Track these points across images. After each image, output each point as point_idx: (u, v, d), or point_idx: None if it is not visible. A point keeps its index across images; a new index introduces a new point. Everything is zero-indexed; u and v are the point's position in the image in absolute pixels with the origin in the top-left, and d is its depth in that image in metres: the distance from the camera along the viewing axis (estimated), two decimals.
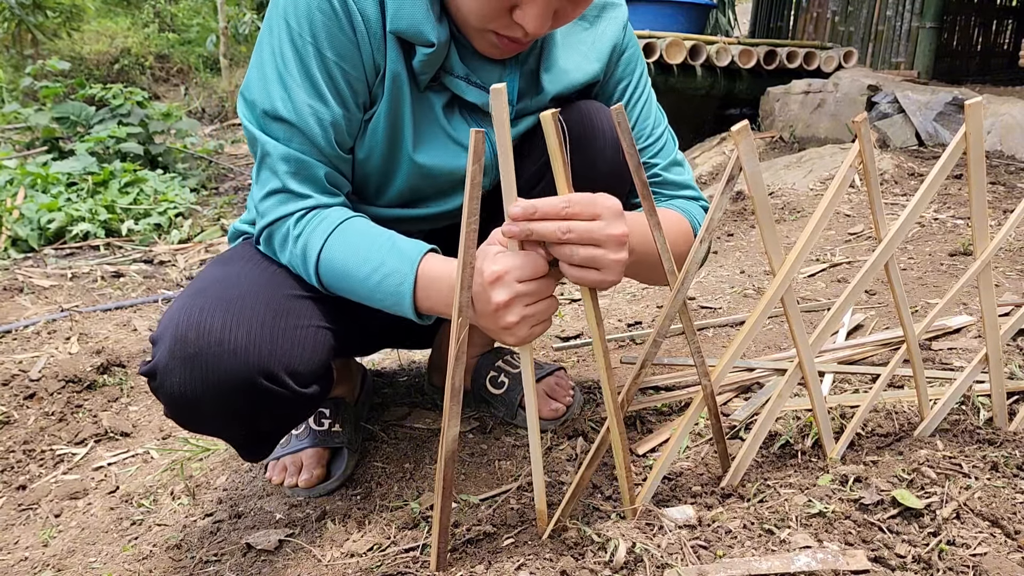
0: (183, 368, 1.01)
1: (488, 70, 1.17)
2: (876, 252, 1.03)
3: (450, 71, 1.14)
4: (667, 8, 5.07)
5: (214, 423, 1.09)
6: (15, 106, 5.80)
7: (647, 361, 1.00)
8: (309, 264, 1.08)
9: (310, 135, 1.08)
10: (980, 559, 0.90)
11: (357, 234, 1.07)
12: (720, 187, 0.93)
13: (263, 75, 1.09)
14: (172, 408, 1.06)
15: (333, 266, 1.07)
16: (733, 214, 3.21)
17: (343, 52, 1.08)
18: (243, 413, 1.06)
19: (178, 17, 11.97)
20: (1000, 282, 1.98)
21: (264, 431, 1.17)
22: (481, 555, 1.05)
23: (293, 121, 1.08)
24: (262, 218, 1.12)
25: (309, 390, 1.10)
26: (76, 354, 2.15)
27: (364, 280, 1.04)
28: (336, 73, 1.09)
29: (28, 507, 1.51)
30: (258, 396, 1.04)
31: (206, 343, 1.00)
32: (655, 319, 2.08)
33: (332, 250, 1.06)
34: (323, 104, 1.09)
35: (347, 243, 1.06)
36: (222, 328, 1.02)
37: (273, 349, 1.04)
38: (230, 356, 1.01)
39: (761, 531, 0.97)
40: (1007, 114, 3.76)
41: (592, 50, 1.25)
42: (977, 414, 1.27)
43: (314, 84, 1.08)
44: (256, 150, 1.11)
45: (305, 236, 1.08)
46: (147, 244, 3.88)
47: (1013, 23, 7.15)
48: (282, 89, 1.08)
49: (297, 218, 1.09)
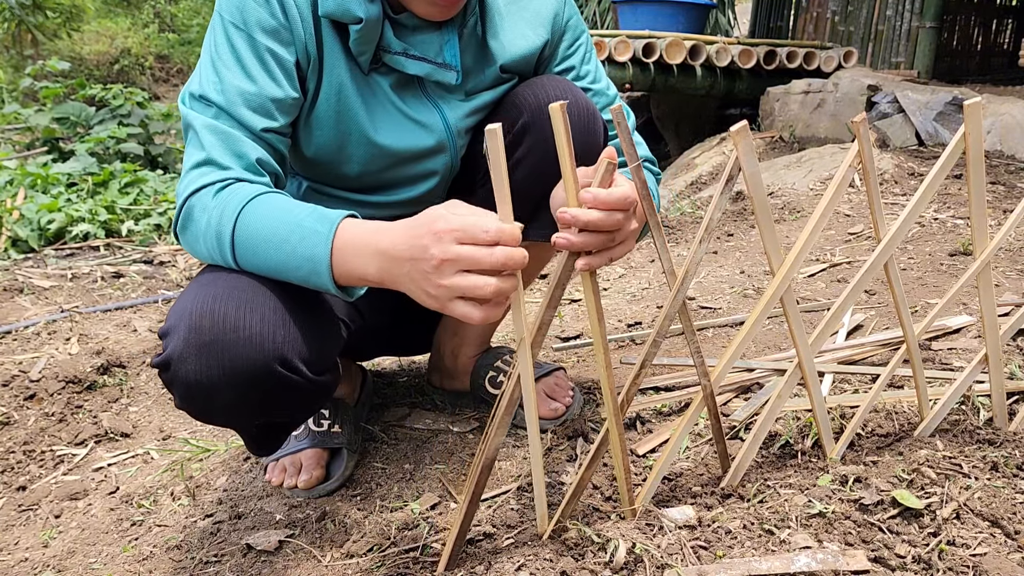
0: (199, 356, 1.00)
1: (426, 41, 1.20)
2: (876, 252, 1.03)
3: (388, 49, 1.16)
4: (667, 8, 5.07)
5: (228, 412, 1.08)
6: (15, 107, 5.80)
7: (647, 361, 1.00)
8: (224, 236, 1.04)
9: (238, 116, 1.08)
10: (980, 559, 0.90)
11: (276, 204, 1.03)
12: (719, 187, 0.93)
13: (199, 67, 1.13)
14: (186, 398, 1.04)
15: (248, 233, 1.02)
16: (733, 214, 3.21)
17: (275, 35, 1.10)
18: (258, 401, 1.06)
19: (178, 17, 11.98)
20: (1000, 282, 1.98)
21: (276, 423, 1.16)
22: (481, 555, 1.05)
23: (221, 103, 1.08)
24: (182, 194, 1.07)
25: (323, 378, 1.10)
26: (76, 355, 2.15)
27: (279, 246, 1.01)
28: (267, 56, 1.10)
29: (28, 508, 1.51)
30: (273, 383, 1.03)
31: (221, 330, 1.00)
32: (655, 319, 2.08)
33: (248, 216, 1.02)
34: (253, 84, 1.09)
35: (264, 212, 1.02)
36: (236, 315, 1.01)
37: (288, 336, 1.03)
38: (246, 343, 1.00)
39: (761, 531, 0.97)
40: (1007, 114, 3.76)
41: (536, 17, 1.28)
42: (977, 414, 1.27)
43: (243, 66, 1.09)
44: (187, 134, 1.10)
45: (221, 205, 1.04)
46: (147, 244, 3.87)
47: (1013, 23, 7.15)
48: (213, 74, 1.10)
49: (217, 189, 1.05)
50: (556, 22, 1.30)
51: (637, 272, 2.70)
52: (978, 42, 6.80)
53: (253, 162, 1.09)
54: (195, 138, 1.08)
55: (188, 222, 1.07)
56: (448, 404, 1.62)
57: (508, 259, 0.85)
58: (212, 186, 1.06)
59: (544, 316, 0.93)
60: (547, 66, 1.33)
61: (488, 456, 0.97)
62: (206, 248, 1.07)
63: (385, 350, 1.70)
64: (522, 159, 1.26)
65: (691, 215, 3.40)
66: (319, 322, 1.10)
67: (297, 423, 1.22)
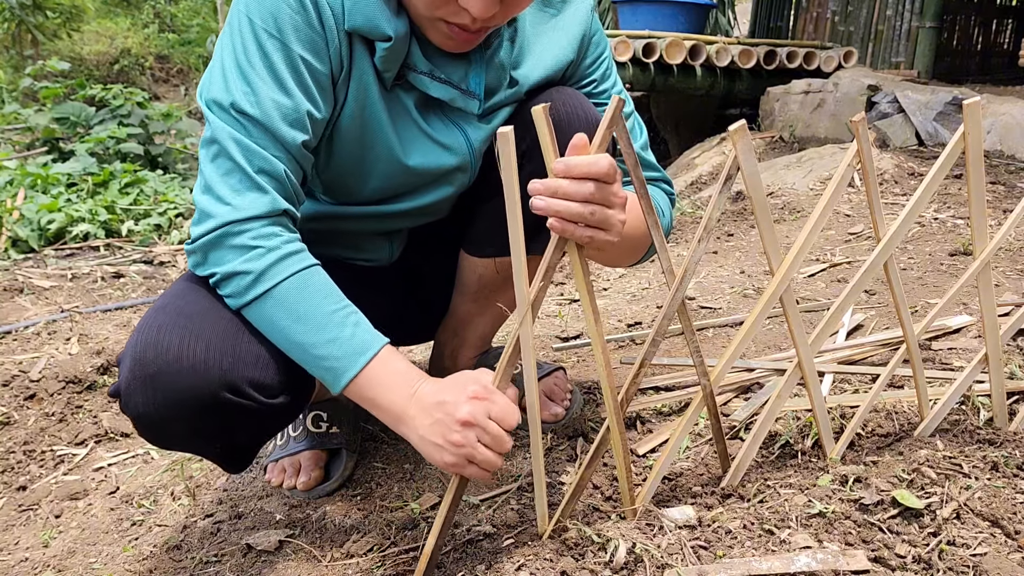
0: (144, 389, 0.99)
1: (453, 66, 1.15)
2: (875, 252, 1.03)
3: (413, 67, 1.11)
4: (667, 8, 5.07)
5: (183, 440, 1.08)
6: (15, 107, 5.81)
7: (646, 360, 1.00)
8: (251, 291, 1.00)
9: (275, 130, 1.02)
10: (980, 559, 0.90)
11: (318, 290, 1.01)
12: (718, 187, 0.93)
13: (224, 74, 1.04)
14: (140, 428, 1.04)
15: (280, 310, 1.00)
16: (733, 214, 3.21)
17: (310, 47, 1.04)
18: (210, 429, 1.04)
19: (178, 17, 11.98)
20: (1000, 282, 1.98)
21: (240, 444, 1.14)
22: (481, 555, 1.05)
23: (257, 116, 1.01)
24: (213, 214, 1.00)
25: (277, 401, 1.06)
26: (76, 355, 2.15)
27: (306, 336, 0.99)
28: (302, 68, 1.04)
29: (28, 508, 1.52)
30: (223, 411, 1.01)
31: (164, 361, 0.98)
32: (655, 319, 2.08)
33: (289, 292, 1.00)
34: (289, 98, 1.03)
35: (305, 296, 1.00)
36: (180, 345, 0.98)
37: (235, 362, 1.00)
38: (189, 372, 0.98)
39: (761, 531, 0.97)
40: (1007, 114, 3.76)
41: (563, 36, 1.24)
42: (977, 414, 1.27)
43: (279, 78, 1.03)
44: (212, 147, 1.03)
45: (263, 261, 1.00)
46: (147, 245, 3.88)
47: (1013, 23, 7.15)
48: (244, 84, 1.02)
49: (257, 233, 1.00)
50: (583, 41, 1.26)
51: (637, 272, 2.70)
52: (978, 42, 6.80)
53: (287, 185, 1.04)
54: (224, 153, 1.01)
55: (215, 249, 1.01)
56: None
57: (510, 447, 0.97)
58: (250, 224, 1.00)
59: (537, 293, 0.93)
60: (569, 83, 1.29)
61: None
62: (221, 278, 1.02)
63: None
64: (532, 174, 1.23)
65: (691, 215, 3.40)
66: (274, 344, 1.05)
67: (263, 442, 1.20)
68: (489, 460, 0.94)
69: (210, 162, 1.02)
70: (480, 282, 1.41)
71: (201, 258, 1.02)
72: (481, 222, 1.35)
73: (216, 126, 1.02)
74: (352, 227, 1.28)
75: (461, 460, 0.95)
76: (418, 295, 1.51)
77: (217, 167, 1.01)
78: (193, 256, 1.03)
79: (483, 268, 1.38)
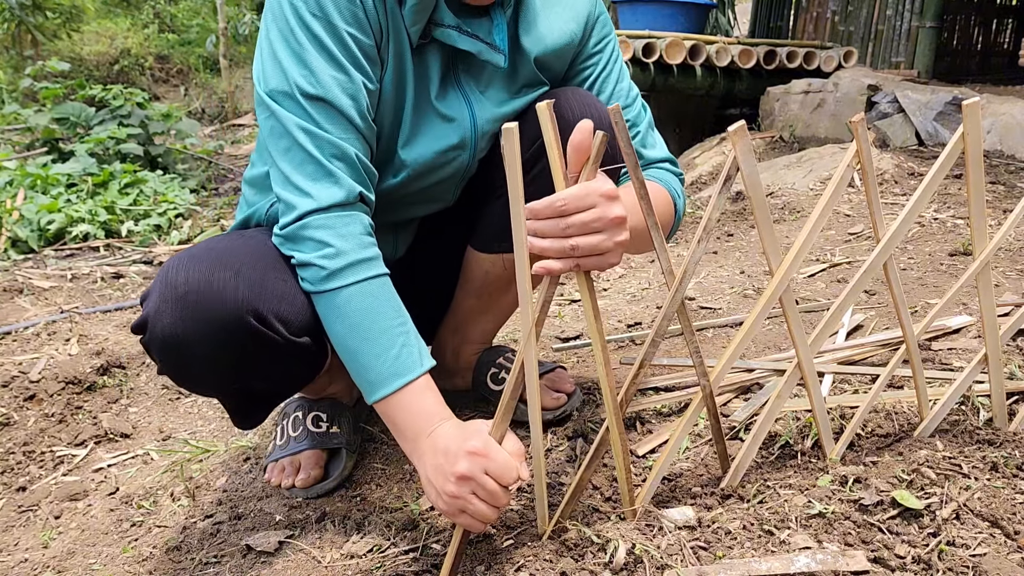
0: (173, 309, 1.03)
1: (478, 21, 1.18)
2: (875, 252, 1.03)
3: (440, 22, 1.14)
4: (667, 8, 5.07)
5: (205, 370, 1.10)
6: (15, 107, 5.80)
7: (645, 361, 1.00)
8: (326, 282, 1.06)
9: (340, 107, 1.07)
10: (980, 559, 0.90)
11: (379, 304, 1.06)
12: (717, 187, 0.93)
13: (277, 61, 1.08)
14: (163, 353, 1.07)
15: (342, 310, 1.05)
16: (733, 214, 3.21)
17: (354, 21, 1.08)
18: (234, 357, 1.07)
19: (178, 18, 11.97)
20: (1000, 282, 1.98)
21: (258, 390, 1.18)
22: (481, 556, 1.05)
23: (321, 95, 1.06)
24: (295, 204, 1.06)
25: (301, 340, 1.11)
26: (76, 355, 2.14)
27: (359, 345, 1.04)
28: (350, 43, 1.08)
29: (28, 508, 1.51)
30: (248, 337, 1.05)
31: (195, 282, 1.03)
32: (654, 319, 2.08)
33: (352, 299, 1.05)
34: (344, 74, 1.08)
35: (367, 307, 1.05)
36: (211, 269, 1.04)
37: (262, 292, 1.06)
38: (218, 294, 1.03)
39: (761, 532, 0.97)
40: (1007, 113, 3.76)
41: (568, 11, 1.27)
42: (977, 414, 1.26)
43: (331, 56, 1.07)
44: (283, 140, 1.07)
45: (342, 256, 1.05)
46: (147, 245, 3.87)
47: (1013, 22, 7.15)
48: (302, 67, 1.06)
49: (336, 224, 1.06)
50: (588, 19, 1.30)
51: (637, 272, 2.70)
52: (978, 42, 6.80)
53: (358, 166, 1.09)
54: (296, 144, 1.06)
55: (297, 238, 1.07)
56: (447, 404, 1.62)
57: (508, 501, 0.97)
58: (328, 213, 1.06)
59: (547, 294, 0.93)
60: (576, 63, 1.32)
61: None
62: (299, 264, 1.08)
63: None
64: (539, 175, 1.22)
65: (691, 215, 3.40)
66: (297, 287, 1.10)
67: (280, 395, 1.24)
68: (482, 513, 0.96)
69: (284, 155, 1.07)
70: (486, 279, 1.42)
71: (287, 243, 1.09)
72: (491, 218, 1.36)
73: (283, 117, 1.06)
74: None
75: (453, 510, 0.97)
76: (419, 293, 1.51)
77: (291, 159, 1.07)
78: (279, 240, 1.10)
79: (490, 264, 1.39)
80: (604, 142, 0.87)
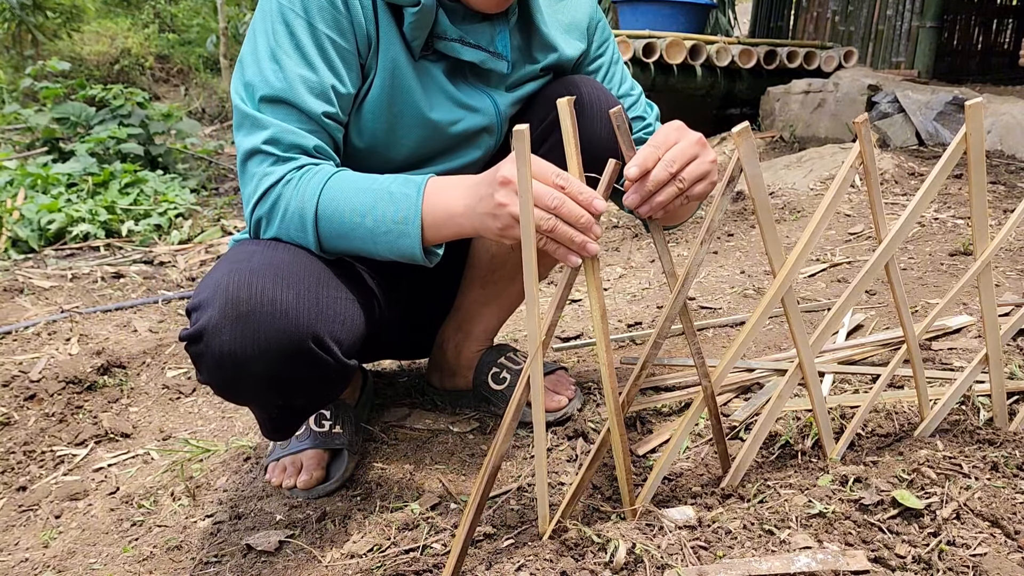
0: (234, 327, 1.01)
1: (479, 30, 1.22)
2: (876, 252, 1.03)
3: (443, 35, 1.18)
4: (667, 8, 5.07)
5: (256, 388, 1.09)
6: (15, 107, 5.80)
7: (647, 362, 1.00)
8: (307, 216, 1.08)
9: (299, 102, 1.10)
10: (980, 559, 0.89)
11: (356, 176, 1.09)
12: (720, 188, 0.93)
13: (256, 55, 1.12)
14: (216, 370, 1.05)
15: (332, 208, 1.07)
16: (733, 214, 3.21)
17: (335, 26, 1.12)
18: (286, 378, 1.06)
19: (178, 17, 11.97)
20: (1000, 282, 1.98)
21: (297, 406, 1.18)
22: (481, 556, 1.05)
23: (281, 90, 1.09)
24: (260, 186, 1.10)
25: (352, 362, 1.12)
26: (76, 355, 2.15)
27: (366, 213, 1.05)
28: (327, 45, 1.12)
29: (28, 508, 1.52)
30: (304, 361, 1.05)
31: (259, 302, 1.01)
32: (655, 320, 2.08)
33: (331, 192, 1.07)
34: (313, 73, 1.11)
35: (347, 186, 1.07)
36: (274, 289, 1.03)
37: (320, 315, 1.06)
38: (282, 317, 1.02)
39: (761, 532, 0.97)
40: (1007, 113, 3.76)
41: (572, 24, 1.35)
42: (977, 414, 1.27)
43: (304, 55, 1.11)
44: (245, 126, 1.12)
45: (301, 188, 1.08)
46: (147, 245, 3.88)
47: (1013, 22, 7.14)
48: (273, 63, 1.11)
49: (287, 180, 1.09)
50: (589, 28, 1.38)
51: (637, 272, 2.70)
52: (978, 42, 6.79)
53: (311, 150, 1.12)
54: (253, 127, 1.10)
55: (274, 211, 1.10)
56: (448, 404, 1.62)
57: (562, 205, 0.90)
58: (281, 180, 1.09)
59: (552, 317, 0.93)
60: (580, 69, 1.40)
61: (494, 464, 0.97)
62: (286, 233, 1.11)
63: (388, 352, 1.70)
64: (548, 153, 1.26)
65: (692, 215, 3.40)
66: (348, 305, 1.12)
67: (313, 409, 1.24)
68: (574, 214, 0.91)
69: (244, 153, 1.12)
70: (492, 263, 1.43)
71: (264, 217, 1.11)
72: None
73: (239, 104, 1.11)
74: None
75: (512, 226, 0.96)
76: (426, 292, 1.52)
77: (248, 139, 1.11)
78: (258, 222, 1.12)
79: (496, 246, 1.40)
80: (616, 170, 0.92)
